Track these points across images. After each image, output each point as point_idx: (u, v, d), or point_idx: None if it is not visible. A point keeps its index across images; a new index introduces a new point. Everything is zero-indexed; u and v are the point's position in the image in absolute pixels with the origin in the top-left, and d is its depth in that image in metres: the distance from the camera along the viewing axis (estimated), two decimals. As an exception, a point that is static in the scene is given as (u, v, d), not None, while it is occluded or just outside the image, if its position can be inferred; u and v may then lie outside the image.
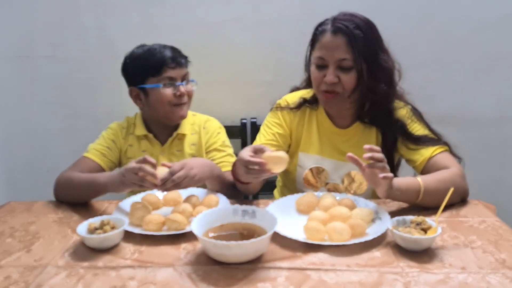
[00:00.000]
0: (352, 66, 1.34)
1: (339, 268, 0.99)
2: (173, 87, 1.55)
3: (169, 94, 1.55)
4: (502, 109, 2.11)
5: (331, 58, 1.35)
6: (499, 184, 2.20)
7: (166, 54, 1.54)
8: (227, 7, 2.02)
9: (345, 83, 1.36)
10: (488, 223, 1.21)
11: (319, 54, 1.38)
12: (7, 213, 1.36)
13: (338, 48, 1.34)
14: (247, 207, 1.16)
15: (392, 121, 1.43)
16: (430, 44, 2.03)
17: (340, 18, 1.37)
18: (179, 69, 1.55)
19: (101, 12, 2.05)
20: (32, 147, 2.24)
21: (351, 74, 1.35)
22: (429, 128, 1.44)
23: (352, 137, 1.49)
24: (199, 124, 1.69)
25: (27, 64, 2.13)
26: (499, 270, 0.97)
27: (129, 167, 1.23)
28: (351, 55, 1.33)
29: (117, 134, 1.63)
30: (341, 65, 1.35)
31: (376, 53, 1.36)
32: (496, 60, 2.05)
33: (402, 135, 1.43)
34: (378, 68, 1.37)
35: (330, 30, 1.35)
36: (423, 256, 1.03)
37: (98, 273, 1.00)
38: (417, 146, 1.40)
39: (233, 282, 0.95)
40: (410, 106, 1.47)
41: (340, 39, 1.33)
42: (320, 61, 1.38)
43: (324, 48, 1.36)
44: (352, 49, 1.33)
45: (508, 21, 1.99)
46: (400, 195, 1.23)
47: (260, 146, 1.21)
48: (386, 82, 1.39)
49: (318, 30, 1.40)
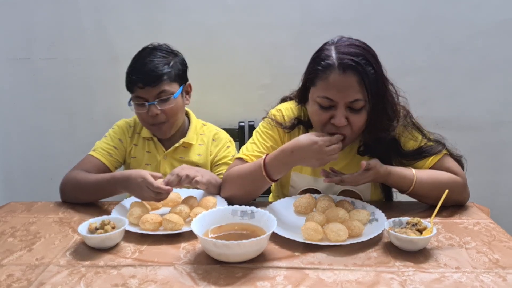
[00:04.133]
0: (363, 106, 1.22)
1: (337, 268, 1.01)
2: (143, 106, 1.50)
3: (142, 113, 1.51)
4: (498, 114, 2.13)
5: (341, 100, 1.21)
6: (495, 188, 2.22)
7: (139, 72, 1.48)
8: (226, 11, 2.04)
9: (354, 124, 1.24)
10: (482, 225, 1.23)
11: (325, 94, 1.22)
12: (8, 213, 1.37)
13: (349, 89, 1.19)
14: (246, 208, 1.18)
15: (385, 145, 1.34)
16: (427, 49, 2.05)
17: (344, 51, 1.21)
18: (149, 89, 1.48)
19: (100, 14, 2.07)
20: (31, 148, 2.25)
21: (362, 114, 1.23)
22: (423, 134, 1.36)
23: (345, 158, 1.42)
24: (208, 135, 1.68)
25: (26, 66, 2.14)
26: (493, 270, 1.00)
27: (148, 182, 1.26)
28: (363, 95, 1.20)
29: (123, 133, 1.63)
30: (351, 106, 1.22)
31: (385, 88, 1.26)
32: (492, 65, 2.07)
33: (396, 153, 1.36)
34: (387, 104, 1.26)
35: (337, 67, 1.20)
36: (418, 256, 1.06)
37: (99, 272, 1.01)
38: (413, 161, 1.34)
39: (233, 280, 0.97)
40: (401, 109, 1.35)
41: (351, 78, 1.19)
42: (326, 102, 1.23)
43: (333, 88, 1.20)
44: (365, 88, 1.19)
45: (504, 26, 2.02)
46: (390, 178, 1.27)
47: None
48: (394, 116, 1.29)
49: (321, 65, 1.22)
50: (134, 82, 1.49)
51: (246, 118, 2.13)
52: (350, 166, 1.41)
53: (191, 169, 1.34)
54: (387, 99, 1.26)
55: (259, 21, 2.05)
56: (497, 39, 2.04)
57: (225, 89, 2.13)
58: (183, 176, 1.30)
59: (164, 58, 1.53)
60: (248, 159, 1.40)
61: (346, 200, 1.32)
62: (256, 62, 2.10)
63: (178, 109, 1.55)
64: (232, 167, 1.40)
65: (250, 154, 1.41)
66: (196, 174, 1.32)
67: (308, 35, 1.38)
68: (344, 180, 1.25)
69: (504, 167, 2.21)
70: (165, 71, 1.49)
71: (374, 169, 1.24)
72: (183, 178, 1.30)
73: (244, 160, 1.40)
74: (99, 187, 1.38)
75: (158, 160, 1.62)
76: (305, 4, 2.02)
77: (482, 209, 1.36)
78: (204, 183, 1.34)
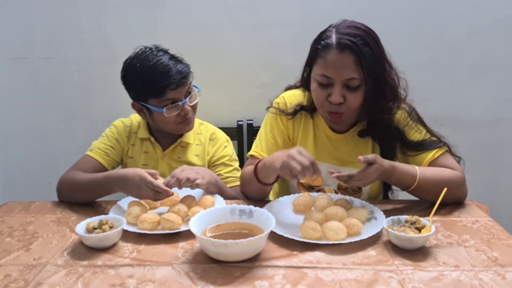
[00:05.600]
0: (359, 85, 1.26)
1: (335, 266, 1.01)
2: (177, 107, 1.49)
3: (173, 116, 1.50)
4: (497, 112, 2.13)
5: (337, 77, 1.26)
6: (493, 185, 2.22)
7: (168, 75, 1.45)
8: (225, 10, 2.04)
9: (351, 102, 1.29)
10: (481, 223, 1.23)
11: (323, 71, 1.28)
12: (5, 213, 1.36)
13: (345, 67, 1.25)
14: (244, 207, 1.18)
15: (390, 133, 1.39)
16: (426, 47, 2.06)
17: (344, 31, 1.26)
18: (181, 88, 1.48)
19: (99, 13, 2.06)
20: (29, 148, 2.24)
21: (358, 93, 1.28)
22: (427, 129, 1.40)
23: (348, 142, 1.46)
24: (205, 135, 1.67)
25: (24, 65, 2.14)
26: (491, 268, 1.00)
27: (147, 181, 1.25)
28: (359, 74, 1.25)
29: (121, 133, 1.62)
30: (348, 84, 1.27)
31: (383, 69, 1.29)
32: (491, 63, 2.07)
33: (400, 142, 1.39)
34: (385, 85, 1.30)
35: (335, 46, 1.25)
36: (417, 255, 1.05)
37: (97, 271, 1.01)
38: (416, 152, 1.37)
39: (231, 280, 0.96)
40: (406, 106, 1.42)
41: (347, 57, 1.24)
42: (324, 80, 1.29)
43: (330, 66, 1.26)
44: (361, 68, 1.24)
45: (502, 24, 2.02)
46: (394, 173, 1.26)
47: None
48: (393, 98, 1.33)
49: (321, 44, 1.29)
50: (166, 86, 1.45)
51: (245, 117, 2.13)
52: (355, 150, 1.42)
53: (192, 171, 1.34)
54: (385, 80, 1.30)
55: (258, 21, 2.05)
56: (496, 37, 2.04)
57: (224, 88, 2.13)
58: (183, 179, 1.29)
59: (173, 56, 1.53)
60: (258, 155, 1.47)
61: (345, 198, 1.31)
62: (255, 61, 2.10)
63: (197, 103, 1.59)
64: (246, 166, 1.47)
65: (259, 151, 1.48)
66: (197, 177, 1.32)
67: (308, 35, 1.38)
68: (352, 177, 1.23)
69: (503, 165, 2.21)
70: (188, 67, 1.52)
71: (376, 162, 1.22)
72: (183, 181, 1.29)
73: (255, 157, 1.47)
74: (94, 187, 1.38)
75: (155, 161, 1.62)
76: (305, 3, 2.02)
77: (481, 207, 1.35)
78: (204, 185, 1.34)
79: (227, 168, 1.63)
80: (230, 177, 1.60)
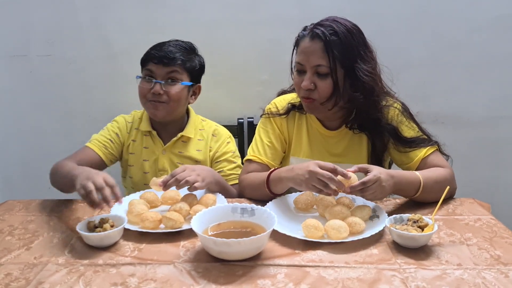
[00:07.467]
0: (328, 72, 1.33)
1: (338, 265, 1.01)
2: (149, 83, 1.54)
3: (145, 88, 1.54)
4: (496, 109, 2.13)
5: (307, 64, 1.35)
6: (494, 183, 2.21)
7: (158, 48, 1.54)
8: (224, 7, 2.02)
9: (321, 90, 1.35)
10: (483, 221, 1.23)
11: (298, 59, 1.38)
12: (5, 212, 1.36)
13: (314, 54, 1.33)
14: (246, 205, 1.18)
15: (380, 128, 1.42)
16: (425, 45, 2.05)
17: (321, 23, 1.36)
18: (162, 67, 1.53)
19: (97, 11, 2.05)
20: (27, 147, 2.23)
21: (327, 81, 1.34)
22: (419, 127, 1.44)
23: (342, 138, 1.49)
24: (208, 131, 1.67)
25: (23, 63, 2.12)
26: (494, 266, 0.99)
27: (97, 182, 1.16)
28: (326, 61, 1.32)
29: (121, 128, 1.63)
30: (317, 71, 1.34)
31: (354, 61, 1.33)
32: (490, 61, 2.07)
33: (393, 138, 1.42)
34: (356, 77, 1.34)
35: (308, 35, 1.35)
36: (420, 253, 1.05)
37: (98, 270, 1.00)
38: (409, 148, 1.40)
39: (233, 278, 0.96)
40: (399, 104, 1.46)
41: (316, 45, 1.33)
42: (299, 66, 1.38)
43: (302, 53, 1.36)
44: (327, 55, 1.32)
45: (502, 21, 2.01)
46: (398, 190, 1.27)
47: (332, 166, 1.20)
48: (364, 93, 1.35)
49: (299, 35, 1.40)
50: (150, 57, 1.54)
51: (245, 114, 2.12)
52: (351, 147, 1.48)
53: (192, 172, 1.32)
54: (356, 72, 1.33)
55: (258, 18, 2.04)
56: (496, 34, 2.03)
57: (224, 85, 2.12)
58: (182, 181, 1.28)
59: (185, 49, 1.59)
60: (256, 159, 1.51)
61: (347, 197, 1.31)
62: (254, 59, 2.09)
63: (180, 97, 1.56)
64: (245, 171, 1.51)
65: (257, 155, 1.51)
66: (196, 179, 1.30)
67: (307, 32, 1.39)
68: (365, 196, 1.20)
69: (503, 163, 2.20)
70: (181, 57, 1.55)
71: (369, 168, 1.20)
72: (182, 183, 1.28)
73: (253, 161, 1.51)
74: (63, 178, 1.35)
75: (156, 155, 1.62)
76: (304, 0, 2.01)
77: (483, 205, 1.35)
78: (203, 187, 1.33)
79: (230, 165, 1.63)
80: (233, 174, 1.61)
